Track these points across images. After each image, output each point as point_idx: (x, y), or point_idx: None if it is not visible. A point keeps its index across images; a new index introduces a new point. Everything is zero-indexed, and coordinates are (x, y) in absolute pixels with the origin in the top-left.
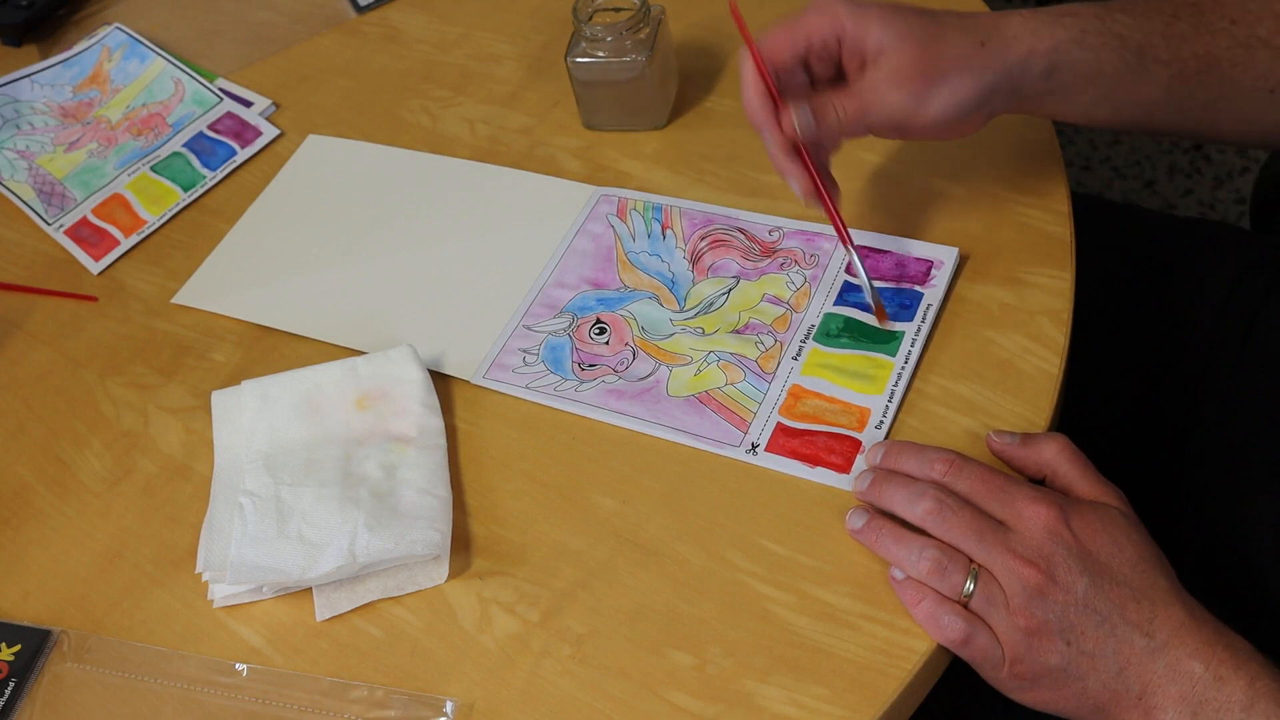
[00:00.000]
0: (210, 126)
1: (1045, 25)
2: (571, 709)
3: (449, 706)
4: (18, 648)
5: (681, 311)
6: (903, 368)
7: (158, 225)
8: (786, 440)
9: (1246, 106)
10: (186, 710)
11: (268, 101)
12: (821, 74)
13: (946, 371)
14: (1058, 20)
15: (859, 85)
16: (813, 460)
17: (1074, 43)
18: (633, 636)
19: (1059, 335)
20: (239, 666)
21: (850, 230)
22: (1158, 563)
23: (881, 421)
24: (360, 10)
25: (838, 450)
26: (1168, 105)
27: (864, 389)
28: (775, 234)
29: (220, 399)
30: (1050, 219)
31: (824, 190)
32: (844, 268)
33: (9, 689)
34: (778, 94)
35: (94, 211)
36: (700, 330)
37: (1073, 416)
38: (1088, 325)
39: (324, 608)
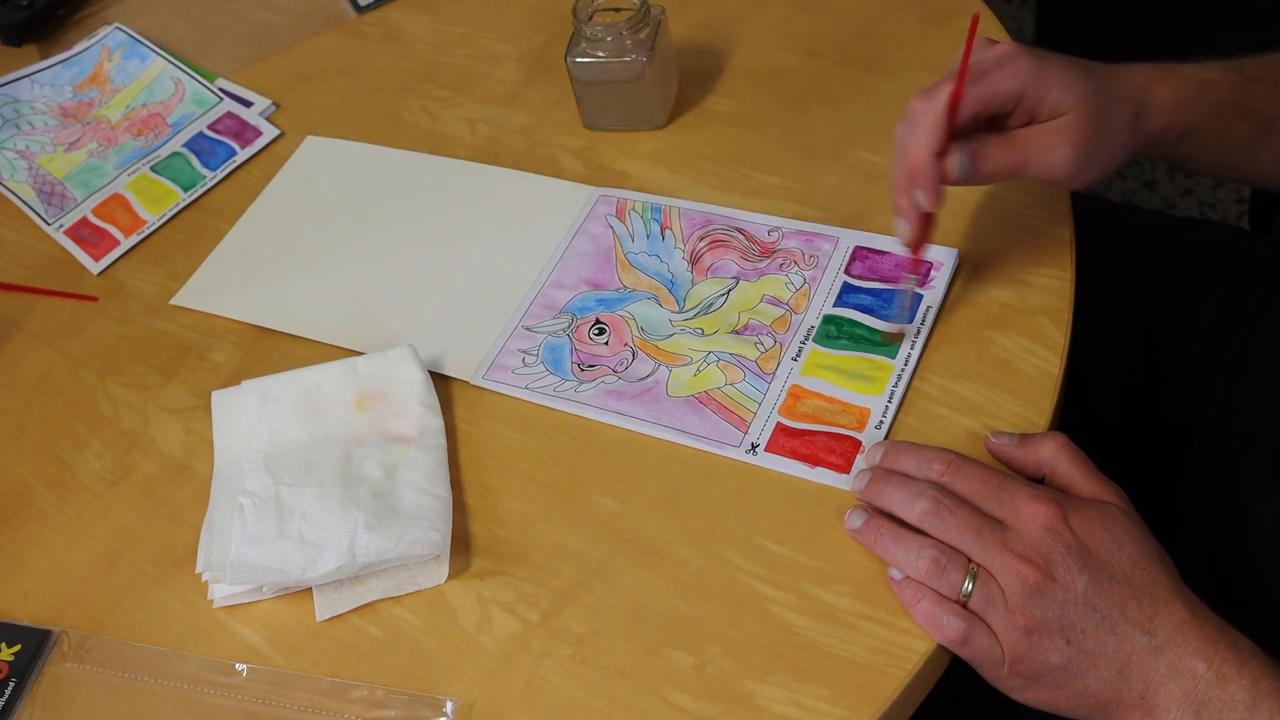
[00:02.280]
0: (210, 126)
1: (1189, 99)
2: (571, 709)
3: (449, 706)
4: (18, 648)
5: (681, 312)
6: (902, 368)
7: (158, 225)
8: (786, 440)
9: None
10: (186, 710)
11: (268, 101)
12: (982, 119)
13: (946, 371)
14: (1200, 92)
15: (1023, 137)
16: (812, 460)
17: (1210, 115)
18: (633, 636)
19: (1059, 335)
20: (239, 666)
21: (849, 230)
22: (1158, 560)
23: (881, 421)
24: (360, 10)
25: (837, 450)
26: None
27: (863, 389)
28: (774, 234)
29: (220, 399)
30: (1050, 219)
31: (923, 240)
32: (844, 268)
33: (9, 689)
34: (949, 139)
35: (94, 211)
36: (700, 331)
37: (1073, 416)
38: (1088, 325)
39: (324, 608)
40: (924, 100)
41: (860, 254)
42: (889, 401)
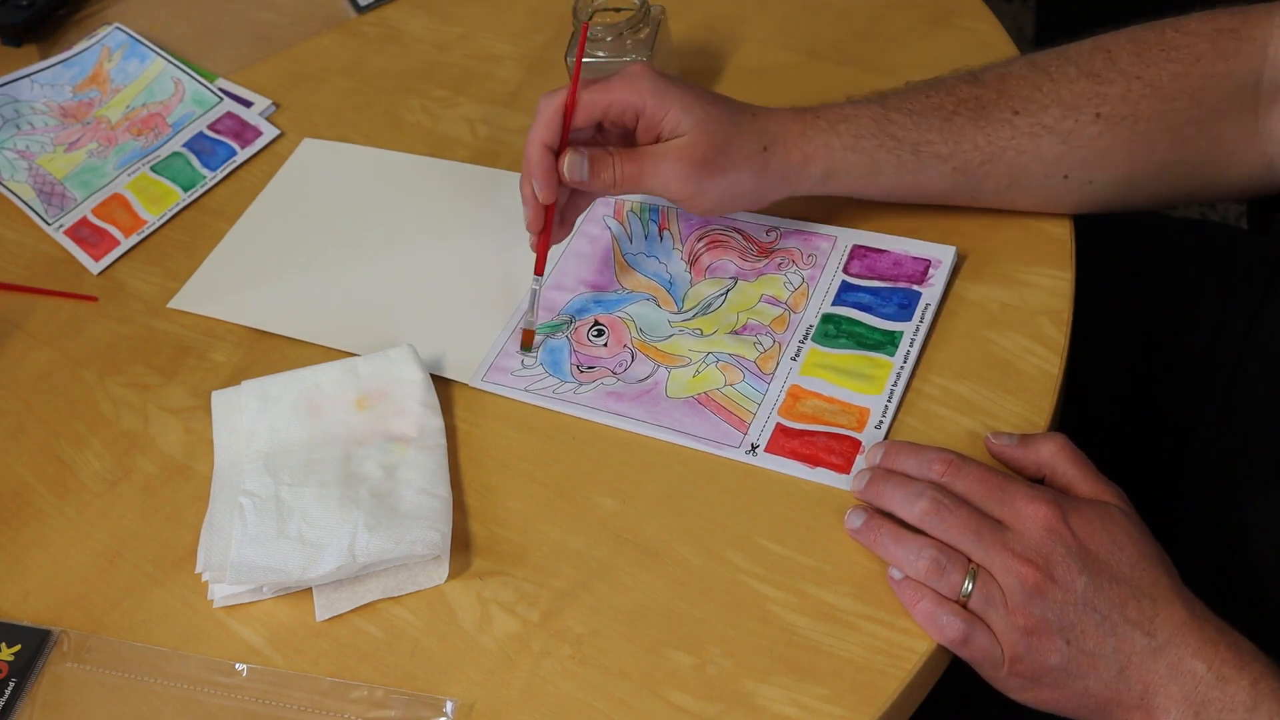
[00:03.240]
0: (210, 126)
1: (821, 134)
2: (571, 709)
3: (449, 706)
4: (18, 648)
5: (680, 313)
6: (901, 367)
7: (158, 225)
8: (786, 440)
9: (1042, 191)
10: (186, 710)
11: (268, 101)
12: (611, 137)
13: (946, 371)
14: (834, 127)
15: (642, 152)
16: (812, 460)
17: (847, 149)
18: (633, 636)
19: (1059, 335)
20: (239, 666)
21: (849, 229)
22: (1158, 561)
23: (881, 421)
24: (360, 10)
25: (837, 450)
26: (958, 193)
27: (863, 389)
28: (772, 234)
29: (220, 399)
30: (1050, 219)
31: (547, 231)
32: (842, 267)
33: (9, 689)
34: (565, 139)
35: (94, 211)
36: (699, 331)
37: (1073, 416)
38: (1088, 325)
39: (324, 608)
40: (544, 98)
41: (858, 253)
42: (888, 401)
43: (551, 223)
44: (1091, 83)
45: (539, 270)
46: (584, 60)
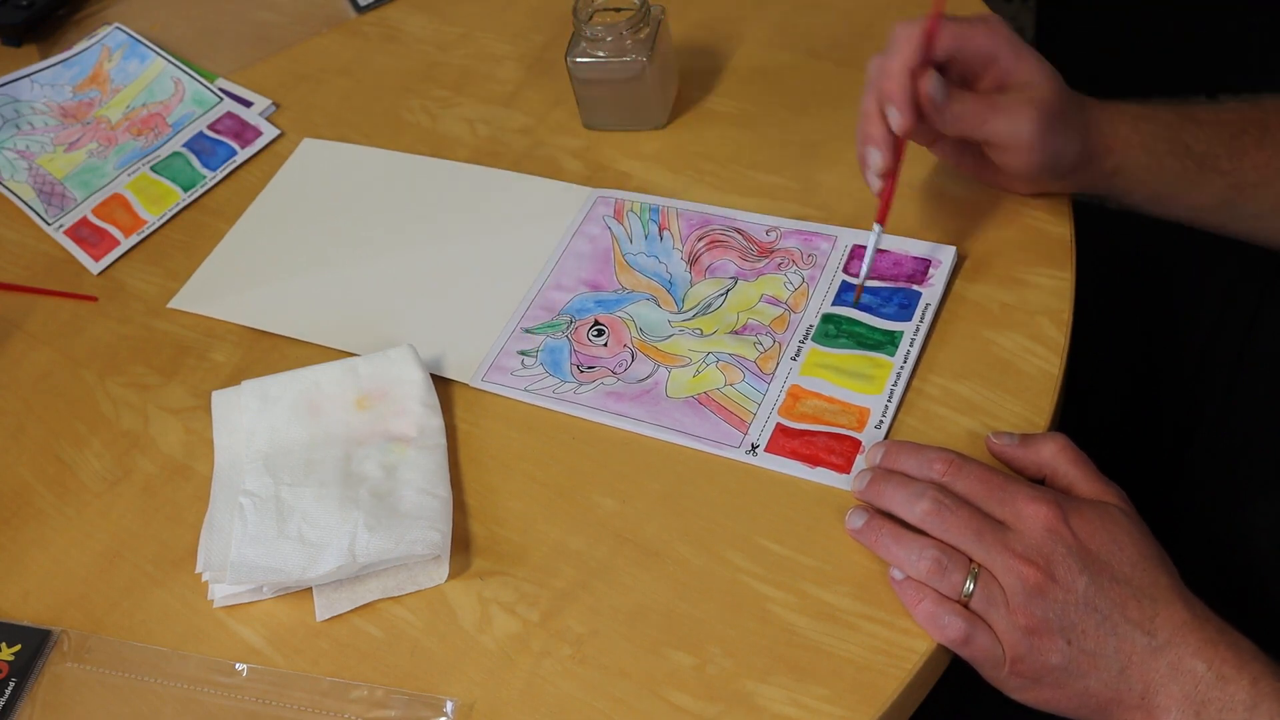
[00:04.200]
0: (210, 126)
1: (1124, 126)
2: (571, 709)
3: (449, 706)
4: (18, 648)
5: (680, 313)
6: (901, 367)
7: (158, 225)
8: (786, 440)
9: None
10: (186, 710)
11: (268, 101)
12: (955, 76)
13: (946, 371)
14: (1135, 124)
15: (994, 96)
16: (812, 460)
17: (1142, 148)
18: (633, 636)
19: (1059, 335)
20: (239, 666)
21: (847, 229)
22: (1159, 561)
23: (881, 421)
24: (360, 10)
25: (837, 450)
26: (1219, 212)
27: (863, 389)
28: (772, 234)
29: (220, 399)
30: (1050, 219)
31: (897, 169)
32: (842, 267)
33: (9, 689)
34: (926, 61)
35: (94, 211)
36: (699, 331)
37: (1073, 416)
38: (1088, 325)
39: (324, 608)
40: (903, 26)
41: (859, 252)
42: (889, 401)
43: (902, 161)
44: None
45: (881, 219)
46: (583, 60)
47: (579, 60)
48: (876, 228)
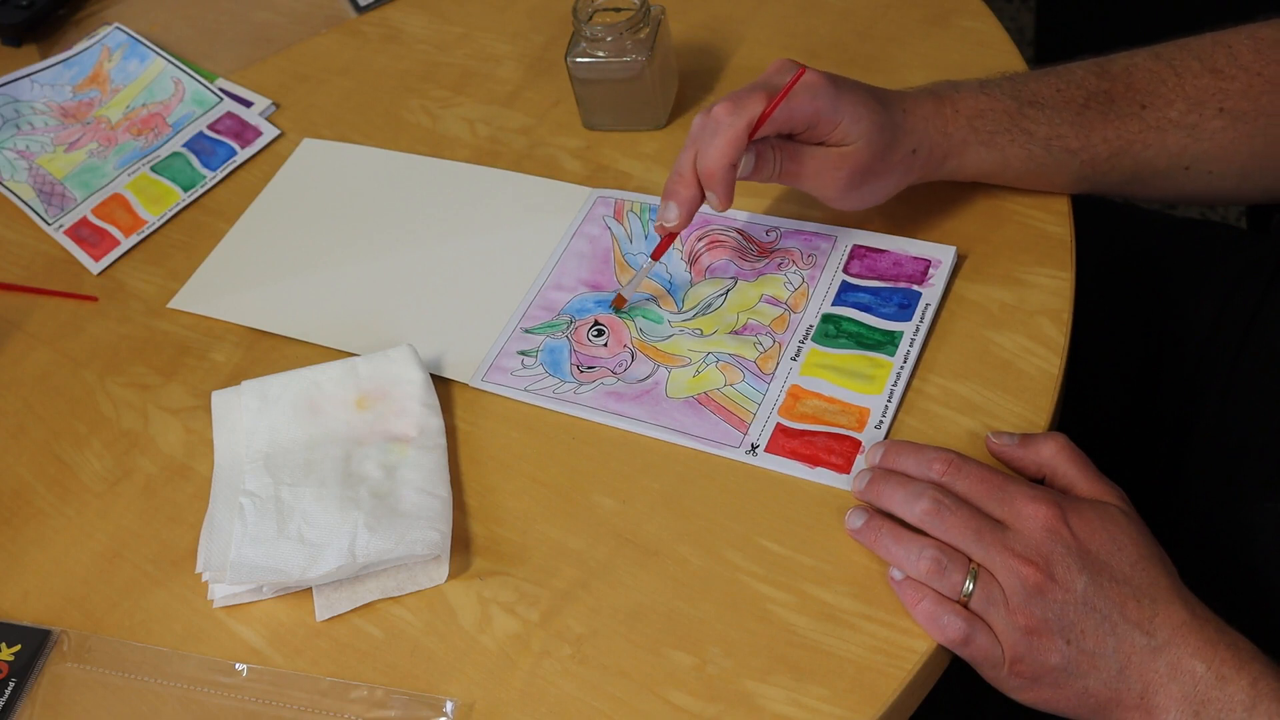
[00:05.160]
0: (210, 126)
1: (960, 131)
2: (571, 709)
3: (449, 706)
4: (18, 648)
5: (680, 313)
6: (901, 367)
7: (158, 225)
8: (786, 441)
9: (1162, 182)
10: (186, 710)
11: (268, 101)
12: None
13: (946, 371)
14: (972, 124)
15: (805, 154)
16: (812, 460)
17: (983, 144)
18: (633, 636)
19: (1059, 335)
20: (239, 666)
21: (849, 229)
22: (1158, 561)
23: (881, 421)
24: (360, 10)
25: (837, 450)
26: (1080, 185)
27: (863, 389)
28: (772, 234)
29: (220, 399)
30: (1050, 219)
31: (682, 227)
32: (842, 267)
33: (9, 689)
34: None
35: (94, 211)
36: (699, 332)
37: (1073, 416)
38: (1088, 325)
39: (324, 608)
40: (729, 113)
41: (858, 252)
42: (889, 401)
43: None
44: (1214, 79)
45: (656, 256)
46: (583, 60)
47: (579, 60)
48: (648, 261)
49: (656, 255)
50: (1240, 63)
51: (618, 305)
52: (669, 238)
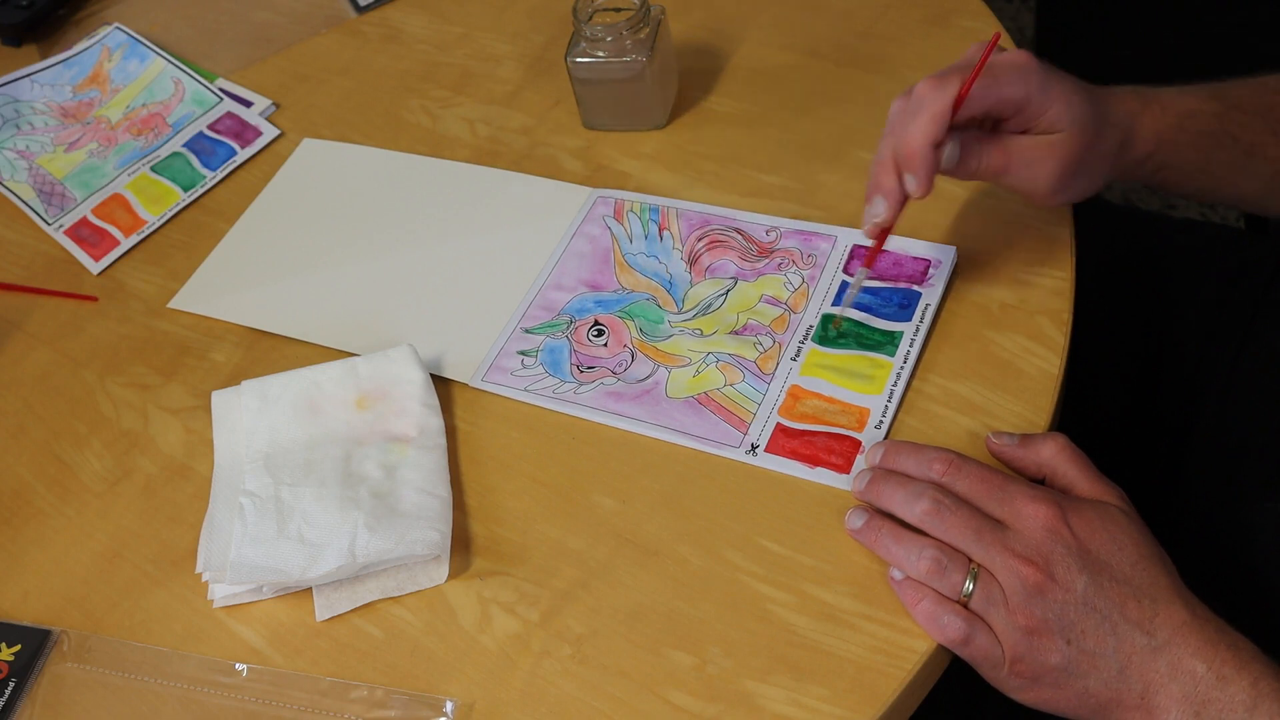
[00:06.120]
0: (210, 126)
1: (1170, 130)
2: (571, 709)
3: (449, 706)
4: (18, 648)
5: (680, 313)
6: (901, 367)
7: (158, 225)
8: (786, 441)
9: None
10: (186, 710)
11: (268, 101)
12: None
13: (946, 371)
14: (1181, 123)
15: (1014, 145)
16: (812, 460)
17: (1190, 146)
18: (633, 636)
19: (1059, 335)
20: (239, 666)
21: (848, 229)
22: (1159, 561)
23: (881, 421)
24: (360, 10)
25: (837, 450)
26: (1267, 197)
27: (863, 389)
28: (772, 234)
29: (220, 399)
30: (1050, 219)
31: (892, 225)
32: (842, 267)
33: (9, 689)
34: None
35: (94, 211)
36: (699, 332)
37: (1073, 416)
38: (1088, 325)
39: (324, 608)
40: (933, 89)
41: (858, 253)
42: (888, 401)
43: (901, 214)
44: None
45: (869, 264)
46: (583, 60)
47: (579, 60)
48: (861, 271)
49: (869, 261)
50: None
51: (835, 325)
52: (882, 235)
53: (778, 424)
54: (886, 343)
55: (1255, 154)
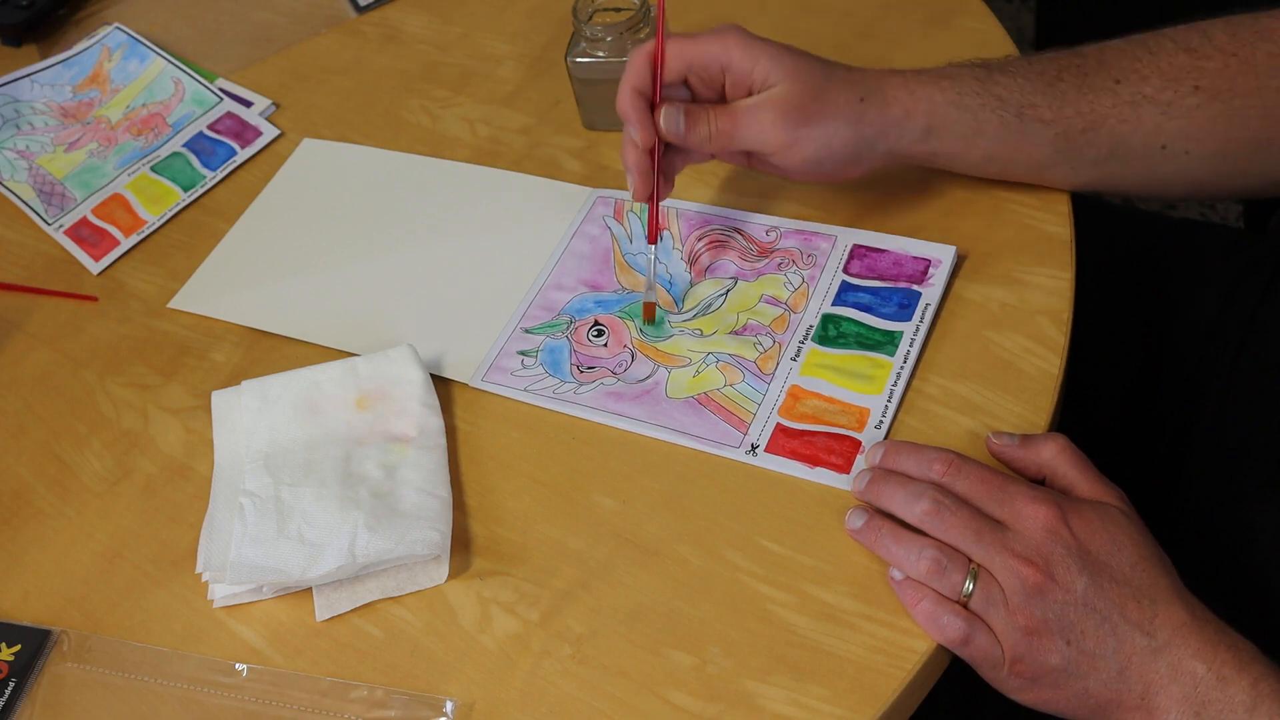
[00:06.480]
0: (210, 126)
1: (923, 87)
2: (571, 709)
3: (449, 706)
4: (18, 648)
5: (680, 313)
6: (901, 367)
7: (158, 225)
8: (786, 441)
9: (1138, 162)
10: (186, 710)
11: (268, 101)
12: (703, 96)
13: (946, 371)
14: (936, 83)
15: (737, 106)
16: (812, 460)
17: (950, 104)
18: (633, 636)
19: (1059, 335)
20: (239, 666)
21: (849, 229)
22: (1158, 561)
23: (881, 421)
24: (360, 10)
25: (837, 450)
26: (1058, 163)
27: (863, 389)
28: (772, 234)
29: (220, 399)
30: (1050, 219)
31: (656, 196)
32: (842, 267)
33: (9, 689)
34: (659, 91)
35: (94, 211)
36: (699, 332)
37: (1073, 416)
38: (1087, 325)
39: (324, 608)
40: (635, 49)
41: (858, 252)
42: (888, 401)
43: (661, 182)
44: (1189, 57)
45: (651, 239)
46: (583, 60)
47: (579, 60)
48: (650, 248)
49: (650, 238)
50: (1215, 44)
51: (648, 317)
52: (652, 213)
53: (778, 424)
54: (886, 342)
55: (1028, 116)
